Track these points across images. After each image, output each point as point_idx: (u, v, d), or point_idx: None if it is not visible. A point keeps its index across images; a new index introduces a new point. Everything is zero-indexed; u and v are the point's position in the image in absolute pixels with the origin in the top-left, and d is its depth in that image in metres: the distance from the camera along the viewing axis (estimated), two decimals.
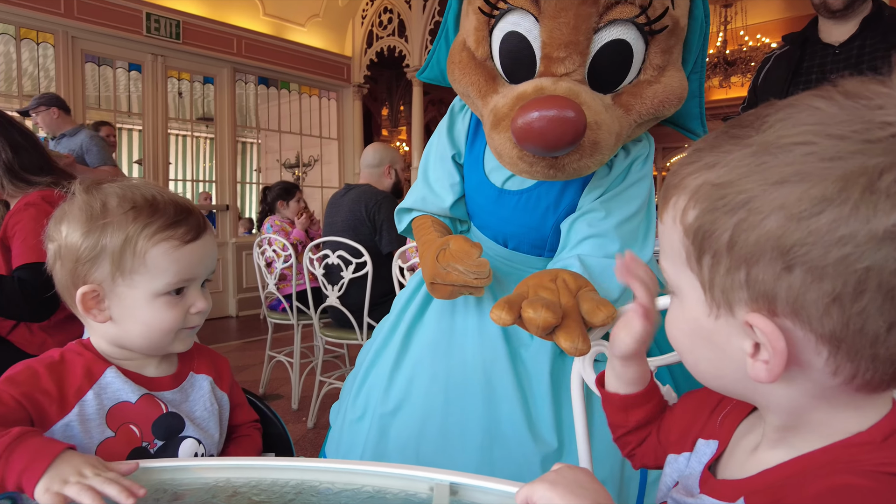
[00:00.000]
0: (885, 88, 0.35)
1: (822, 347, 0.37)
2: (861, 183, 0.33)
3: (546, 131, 0.77)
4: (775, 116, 0.38)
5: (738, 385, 0.43)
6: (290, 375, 3.04)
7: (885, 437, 0.39)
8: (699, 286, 0.41)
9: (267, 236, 3.15)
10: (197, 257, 0.77)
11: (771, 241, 0.36)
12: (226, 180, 5.68)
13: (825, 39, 2.00)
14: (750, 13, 7.42)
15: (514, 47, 0.86)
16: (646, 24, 0.81)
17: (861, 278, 0.34)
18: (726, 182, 0.38)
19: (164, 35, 4.99)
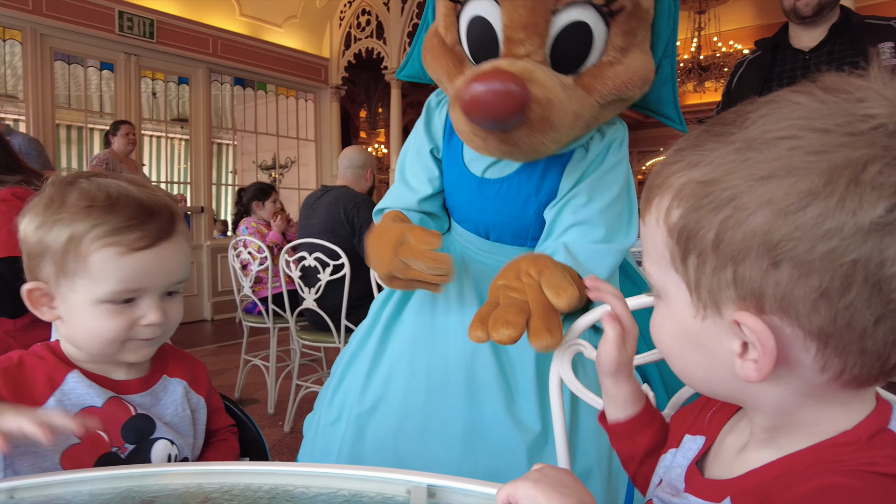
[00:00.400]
0: (864, 82, 0.35)
1: (810, 344, 0.37)
2: (846, 175, 0.33)
3: (487, 102, 0.79)
4: (757, 113, 0.37)
5: (728, 387, 0.43)
6: (266, 380, 3.00)
7: (870, 435, 0.39)
8: (685, 287, 0.41)
9: (242, 238, 3.10)
10: (151, 266, 0.70)
11: (758, 237, 0.35)
12: (201, 182, 5.59)
13: (795, 45, 2.04)
14: (723, 20, 7.57)
15: (478, 31, 0.89)
16: (603, 6, 0.84)
17: (848, 272, 0.34)
18: (711, 180, 0.37)
19: (137, 34, 4.90)
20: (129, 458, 0.72)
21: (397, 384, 1.01)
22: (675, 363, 0.46)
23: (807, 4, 1.93)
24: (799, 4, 1.95)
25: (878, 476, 0.35)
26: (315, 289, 2.49)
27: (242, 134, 6.73)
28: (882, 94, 0.34)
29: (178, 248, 0.73)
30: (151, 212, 0.71)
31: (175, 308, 0.76)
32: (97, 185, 0.70)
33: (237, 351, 3.59)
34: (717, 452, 0.50)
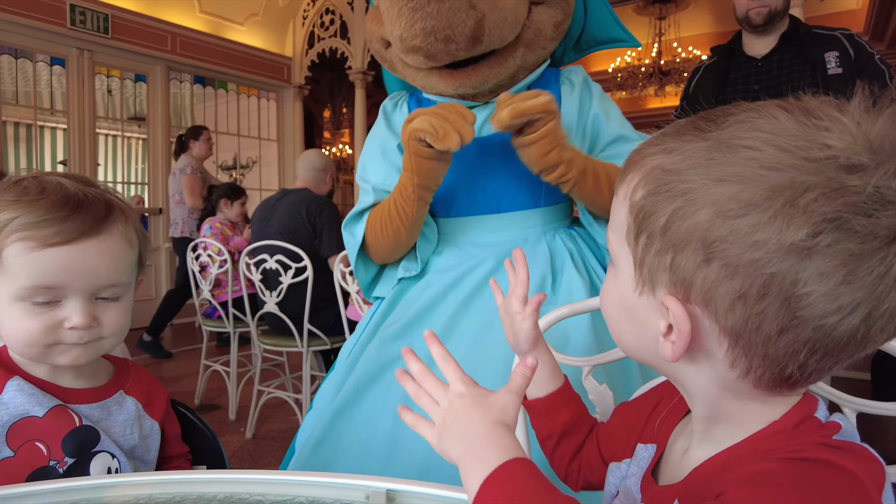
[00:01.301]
0: (838, 113, 0.36)
1: (723, 339, 0.40)
2: (785, 196, 0.35)
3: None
4: (737, 117, 0.39)
5: (656, 360, 0.46)
6: (227, 385, 2.94)
7: (795, 425, 0.41)
8: (632, 262, 0.44)
9: (203, 240, 3.03)
10: (70, 264, 0.65)
11: (699, 232, 0.38)
12: (159, 183, 5.44)
13: (748, 52, 2.12)
14: (682, 26, 7.76)
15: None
16: None
17: (766, 283, 0.36)
18: (675, 170, 0.40)
19: (90, 29, 4.73)
20: (67, 472, 0.69)
21: None
22: (612, 328, 0.50)
23: (758, 14, 2.02)
24: (751, 13, 2.03)
25: (802, 461, 0.38)
26: (276, 292, 2.45)
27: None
28: (848, 129, 0.36)
29: (109, 248, 0.68)
30: (78, 207, 0.66)
31: (113, 314, 0.70)
32: (42, 181, 0.67)
33: (197, 356, 3.51)
34: (667, 458, 0.51)
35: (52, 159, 6.72)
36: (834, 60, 1.99)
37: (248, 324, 2.68)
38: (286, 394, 2.64)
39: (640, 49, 8.00)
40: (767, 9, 2.00)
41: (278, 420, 2.85)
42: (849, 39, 2.00)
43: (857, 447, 0.39)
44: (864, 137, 0.35)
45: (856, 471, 0.36)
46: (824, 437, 0.40)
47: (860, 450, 0.39)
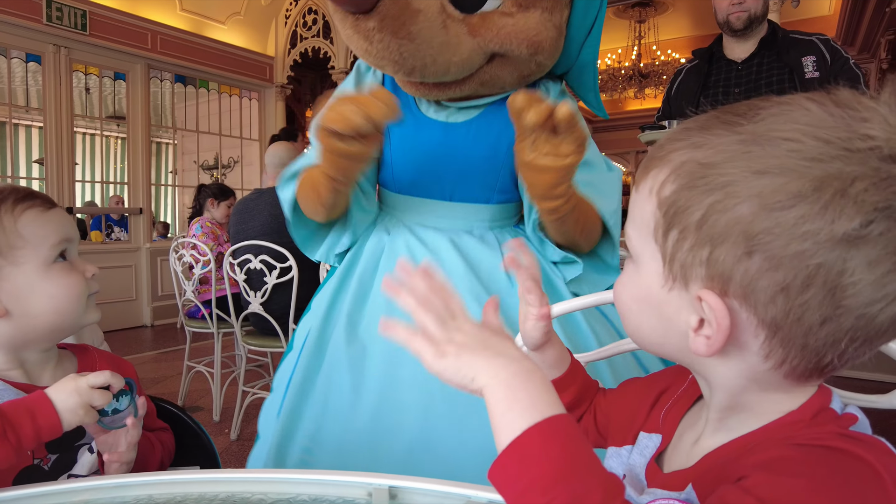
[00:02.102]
0: (873, 103, 0.37)
1: (760, 331, 0.40)
2: (834, 186, 0.35)
3: None
4: (769, 111, 0.39)
5: (680, 355, 0.46)
6: (210, 386, 2.91)
7: (813, 414, 0.42)
8: (660, 258, 0.43)
9: (191, 240, 2.99)
10: (64, 219, 0.78)
11: (740, 225, 0.37)
12: (139, 182, 5.36)
13: (729, 56, 2.17)
14: (661, 30, 7.87)
15: None
16: None
17: (811, 273, 0.36)
18: (710, 163, 0.39)
19: (67, 25, 4.65)
20: (52, 468, 0.70)
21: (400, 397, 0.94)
22: (630, 322, 0.49)
23: (738, 18, 2.07)
24: (731, 18, 2.08)
25: (822, 449, 0.38)
26: (261, 292, 2.43)
27: (183, 133, 6.50)
28: (885, 119, 0.36)
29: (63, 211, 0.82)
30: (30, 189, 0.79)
31: None
32: None
33: (179, 357, 3.47)
34: (675, 448, 0.51)
35: (27, 158, 6.58)
36: (811, 64, 2.05)
37: (232, 324, 2.66)
38: None
39: (619, 52, 8.10)
40: (747, 13, 2.05)
41: None
42: (825, 44, 2.06)
43: (874, 440, 0.40)
44: (894, 126, 0.36)
45: (874, 462, 0.37)
46: (842, 427, 0.41)
47: (878, 443, 0.40)
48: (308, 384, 0.99)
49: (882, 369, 3.21)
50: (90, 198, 6.80)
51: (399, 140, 1.08)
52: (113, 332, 4.75)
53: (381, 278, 1.02)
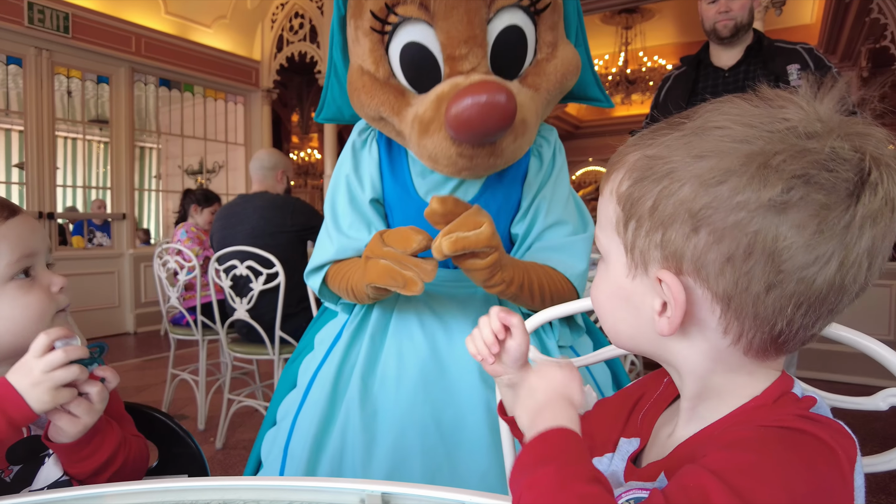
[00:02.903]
0: (791, 95, 0.43)
1: (716, 305, 0.43)
2: (758, 160, 0.40)
3: (483, 115, 0.78)
4: (706, 109, 0.45)
5: (651, 344, 0.49)
6: (195, 395, 2.87)
7: (775, 399, 0.45)
8: (623, 250, 0.47)
9: (175, 245, 2.96)
10: (27, 229, 0.71)
11: (685, 205, 0.42)
12: (122, 187, 5.29)
13: (716, 63, 2.20)
14: (648, 36, 7.95)
15: (415, 57, 0.87)
16: (530, 6, 0.86)
17: (751, 241, 0.40)
18: (656, 156, 0.44)
19: (50, 27, 4.59)
20: (14, 479, 0.67)
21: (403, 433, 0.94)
22: (606, 320, 0.52)
23: (725, 26, 2.11)
24: (718, 26, 2.12)
25: (779, 429, 0.41)
26: (247, 298, 2.40)
27: (168, 137, 6.43)
28: (800, 106, 0.42)
29: (33, 218, 0.76)
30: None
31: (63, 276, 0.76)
32: None
33: (163, 365, 3.43)
34: (651, 446, 0.54)
35: (6, 162, 6.47)
36: (795, 72, 2.08)
37: (217, 331, 2.63)
38: (257, 402, 2.59)
39: (607, 58, 8.17)
40: (734, 22, 2.09)
41: (249, 429, 2.80)
42: (809, 53, 2.09)
43: (832, 421, 0.42)
44: (814, 112, 0.41)
45: (829, 441, 0.39)
46: (802, 409, 0.44)
47: (835, 424, 0.42)
48: (323, 438, 0.97)
49: (866, 373, 3.25)
50: (72, 203, 6.70)
51: (398, 215, 1.06)
52: (95, 339, 4.67)
53: (391, 340, 1.01)
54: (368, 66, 0.91)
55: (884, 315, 3.49)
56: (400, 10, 0.83)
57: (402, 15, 0.84)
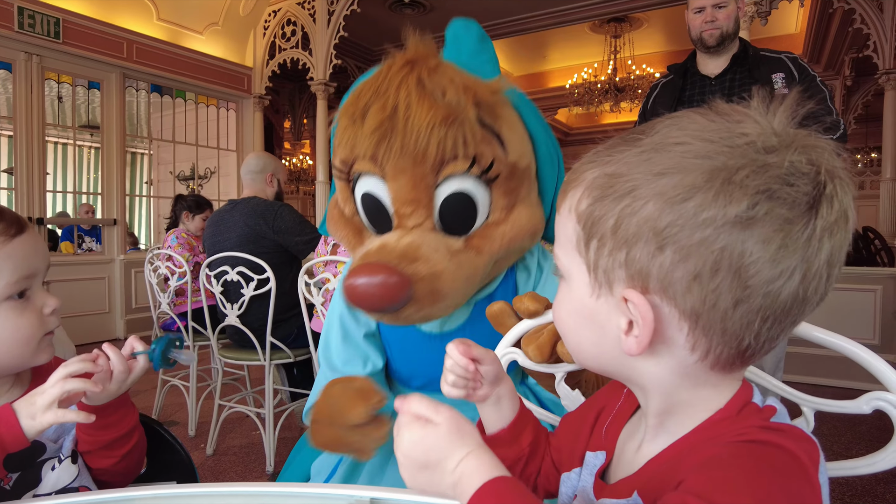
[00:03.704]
0: (745, 110, 0.43)
1: (683, 323, 0.43)
2: (722, 176, 0.40)
3: (367, 296, 0.82)
4: (662, 124, 0.45)
5: (615, 362, 0.48)
6: (185, 400, 2.86)
7: (738, 410, 0.45)
8: (585, 269, 0.46)
9: (166, 251, 2.95)
10: (31, 249, 0.71)
11: (649, 223, 0.41)
12: (114, 193, 5.27)
13: (703, 71, 2.24)
14: (636, 44, 8.03)
15: (371, 205, 0.92)
16: (481, 175, 0.86)
17: (717, 258, 0.40)
18: (616, 174, 0.43)
19: (40, 33, 4.57)
20: (14, 486, 0.68)
21: None
22: (569, 339, 0.51)
23: (711, 35, 2.15)
24: (704, 35, 2.16)
25: (747, 443, 0.41)
26: (238, 304, 2.40)
27: (159, 143, 6.42)
28: (756, 120, 0.42)
29: (38, 234, 0.76)
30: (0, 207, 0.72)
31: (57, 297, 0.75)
32: None
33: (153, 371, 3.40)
34: (618, 461, 0.54)
35: None
36: (780, 81, 2.12)
37: (208, 337, 2.62)
38: (248, 408, 2.59)
39: (596, 66, 8.24)
40: (719, 31, 2.13)
41: (240, 435, 2.79)
42: (793, 62, 2.13)
43: (792, 429, 0.43)
44: (769, 126, 0.42)
45: (794, 449, 0.40)
46: (764, 419, 0.44)
47: (796, 431, 0.43)
48: None
49: (851, 377, 3.29)
50: (62, 208, 6.66)
51: (399, 355, 1.05)
52: (85, 346, 4.64)
53: None
54: (341, 202, 0.98)
55: (868, 320, 3.54)
56: (356, 166, 0.89)
57: (358, 170, 0.90)
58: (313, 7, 5.84)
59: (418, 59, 0.85)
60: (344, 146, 0.89)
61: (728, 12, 2.12)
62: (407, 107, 0.81)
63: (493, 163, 0.87)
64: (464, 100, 0.83)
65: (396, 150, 0.83)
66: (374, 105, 0.84)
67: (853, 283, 3.54)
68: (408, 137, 0.82)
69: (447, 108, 0.82)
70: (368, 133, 0.84)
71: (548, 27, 6.77)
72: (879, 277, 3.54)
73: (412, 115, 0.81)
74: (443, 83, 0.83)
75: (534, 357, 0.77)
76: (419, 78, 0.83)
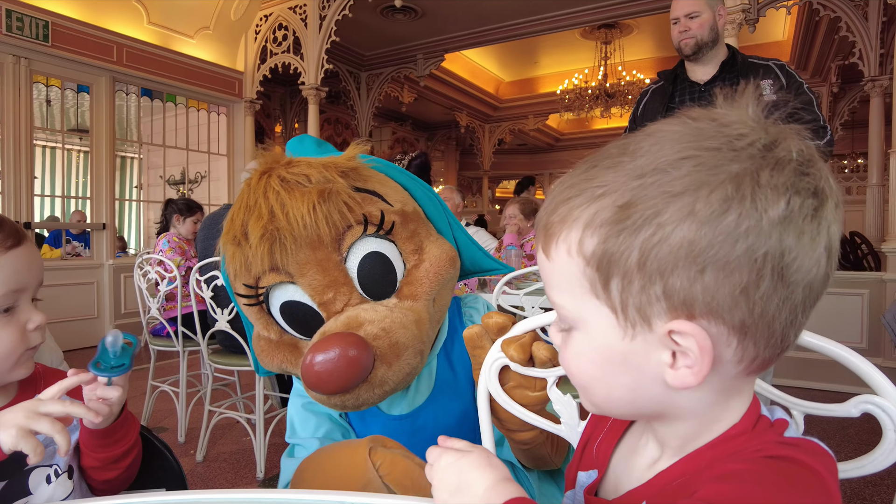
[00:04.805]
0: (723, 111, 0.42)
1: (732, 338, 0.41)
2: (748, 182, 0.38)
3: (335, 370, 0.78)
4: (643, 144, 0.42)
5: (653, 402, 0.44)
6: (175, 406, 2.83)
7: (753, 424, 0.44)
8: (609, 311, 0.42)
9: (157, 256, 2.93)
10: (24, 264, 0.70)
11: (684, 248, 0.38)
12: (103, 197, 5.23)
13: (692, 77, 2.26)
14: (627, 51, 8.09)
15: (293, 313, 0.89)
16: (377, 231, 0.87)
17: (760, 265, 0.38)
18: (627, 203, 0.40)
19: (28, 35, 4.54)
20: (1, 494, 0.67)
21: None
22: (597, 389, 0.46)
23: (686, 44, 2.20)
24: (681, 44, 2.22)
25: (766, 459, 0.41)
26: (228, 309, 2.39)
27: (149, 147, 6.38)
28: (742, 121, 0.41)
29: (35, 247, 0.74)
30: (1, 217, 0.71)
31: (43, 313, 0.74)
32: None
33: (143, 377, 3.38)
34: (617, 476, 0.53)
35: None
36: (768, 88, 2.14)
37: (198, 342, 2.60)
38: (238, 414, 2.57)
39: (587, 72, 8.29)
40: (694, 40, 2.17)
41: (230, 441, 2.77)
42: (781, 69, 2.15)
43: (808, 443, 0.43)
44: (752, 122, 0.41)
45: (813, 463, 0.40)
46: (779, 434, 0.44)
47: (812, 445, 0.42)
48: None
49: (839, 380, 3.32)
50: (50, 212, 6.60)
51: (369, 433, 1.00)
52: (73, 352, 4.59)
53: None
54: (262, 332, 0.94)
55: (856, 323, 3.57)
56: (262, 282, 0.86)
57: (265, 285, 0.87)
58: (305, 12, 5.85)
59: (271, 165, 0.86)
60: (239, 271, 0.87)
61: (701, 21, 2.16)
62: (282, 205, 0.81)
63: (382, 215, 0.87)
64: (329, 175, 0.84)
65: (290, 246, 0.82)
66: (250, 220, 0.84)
67: (841, 288, 3.57)
68: (296, 229, 0.81)
69: (317, 187, 0.82)
70: (256, 244, 0.82)
71: (539, 33, 6.81)
72: (866, 282, 3.58)
73: (290, 209, 0.81)
74: (303, 171, 0.84)
75: (516, 355, 0.75)
76: (280, 177, 0.83)
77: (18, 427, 0.61)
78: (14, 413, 0.62)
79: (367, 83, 7.86)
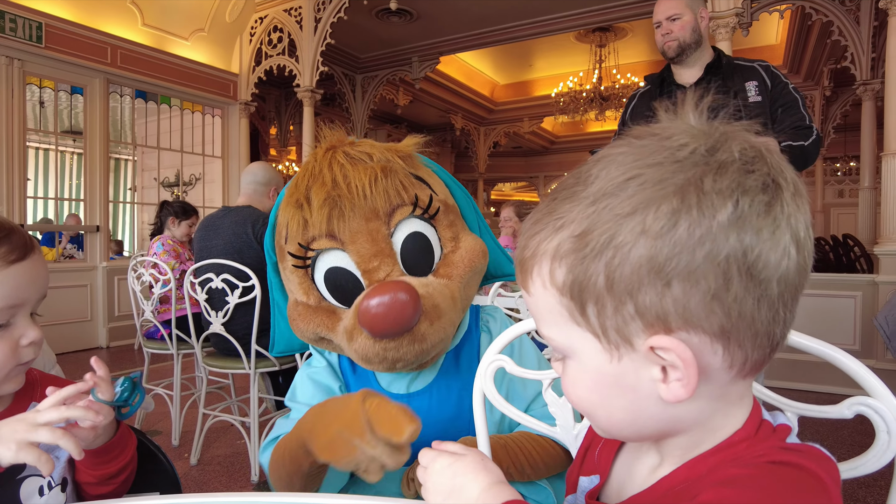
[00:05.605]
0: (665, 124, 0.43)
1: (716, 345, 0.41)
2: (692, 191, 0.39)
3: (389, 311, 0.84)
4: (593, 170, 0.43)
5: (655, 420, 0.44)
6: (169, 409, 2.82)
7: (755, 429, 0.45)
8: (592, 337, 0.43)
9: (151, 258, 2.92)
10: (26, 279, 0.68)
11: (644, 265, 0.39)
12: (97, 199, 5.21)
13: (678, 80, 2.28)
14: (621, 54, 8.12)
15: (336, 279, 0.95)
16: (423, 214, 0.95)
17: (725, 269, 0.39)
18: (583, 231, 0.41)
19: (21, 37, 4.52)
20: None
21: None
22: (599, 415, 0.47)
23: (669, 47, 2.22)
24: (665, 47, 2.23)
25: (768, 464, 0.41)
26: (223, 312, 2.38)
27: (143, 149, 6.36)
28: (683, 129, 0.42)
29: (42, 260, 0.73)
30: (9, 227, 0.70)
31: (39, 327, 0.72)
32: None
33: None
34: (619, 481, 0.53)
35: None
36: (753, 89, 2.16)
37: (192, 345, 2.59)
38: (232, 417, 2.56)
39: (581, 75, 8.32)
40: (677, 42, 2.19)
41: (224, 445, 2.76)
42: (766, 70, 2.17)
43: (811, 448, 0.43)
44: (692, 128, 0.42)
45: (816, 469, 0.40)
46: (781, 440, 0.44)
47: (815, 451, 0.43)
48: None
49: (832, 382, 3.34)
50: (43, 214, 6.57)
51: None
52: (66, 355, 4.57)
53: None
54: (301, 298, 0.99)
55: (849, 325, 3.60)
56: (314, 245, 0.93)
57: (316, 249, 0.93)
58: (300, 14, 5.85)
59: (336, 143, 0.95)
60: (297, 232, 0.93)
61: (683, 23, 2.17)
62: (344, 176, 0.89)
63: (430, 200, 0.95)
64: (389, 156, 0.93)
65: (348, 214, 0.89)
66: (314, 185, 0.91)
67: (834, 290, 3.59)
68: (356, 198, 0.89)
69: (379, 164, 0.91)
70: (318, 208, 0.89)
71: (534, 36, 6.83)
72: (859, 284, 3.60)
73: (352, 180, 0.89)
74: (366, 150, 0.93)
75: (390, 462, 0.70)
76: (345, 153, 0.92)
77: (17, 441, 0.61)
78: (12, 427, 0.62)
79: (362, 85, 7.87)
